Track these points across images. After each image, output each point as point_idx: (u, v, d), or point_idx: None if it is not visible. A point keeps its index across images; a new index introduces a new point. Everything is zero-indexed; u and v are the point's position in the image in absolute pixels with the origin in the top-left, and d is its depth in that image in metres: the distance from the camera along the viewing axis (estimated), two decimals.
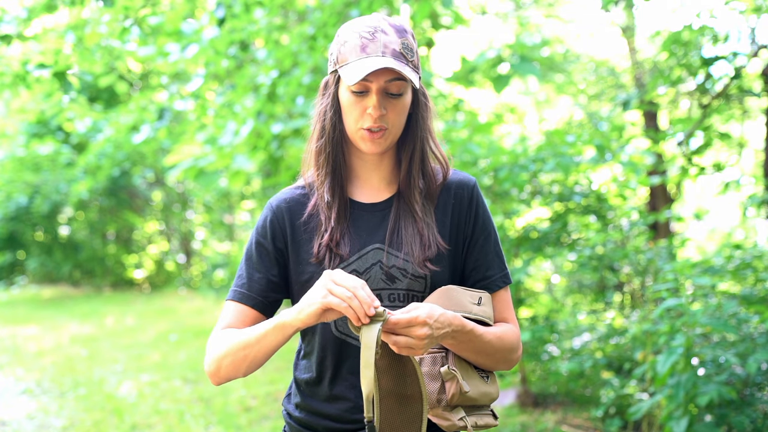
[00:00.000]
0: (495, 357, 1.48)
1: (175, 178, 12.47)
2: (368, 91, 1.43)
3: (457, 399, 1.42)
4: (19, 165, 14.07)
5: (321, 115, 1.52)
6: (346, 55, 1.44)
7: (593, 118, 8.06)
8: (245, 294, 1.53)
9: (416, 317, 1.28)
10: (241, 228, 15.35)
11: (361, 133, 1.46)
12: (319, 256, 1.50)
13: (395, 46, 1.42)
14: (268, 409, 5.07)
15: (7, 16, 4.56)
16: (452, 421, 1.42)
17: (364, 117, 1.45)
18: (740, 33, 5.19)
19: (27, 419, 5.03)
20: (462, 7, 8.70)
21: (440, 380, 1.42)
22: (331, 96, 1.50)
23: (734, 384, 3.52)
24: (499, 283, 1.55)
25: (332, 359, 1.52)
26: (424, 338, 1.29)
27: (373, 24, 1.45)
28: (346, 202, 1.54)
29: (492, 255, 1.56)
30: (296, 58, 5.04)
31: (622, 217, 4.89)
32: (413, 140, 1.53)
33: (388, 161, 1.56)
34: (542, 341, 4.68)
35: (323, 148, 1.52)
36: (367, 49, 1.41)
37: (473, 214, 1.56)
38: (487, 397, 1.48)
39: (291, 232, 1.54)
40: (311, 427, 1.54)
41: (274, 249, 1.54)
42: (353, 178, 1.57)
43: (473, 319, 1.46)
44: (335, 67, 1.47)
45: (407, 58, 1.44)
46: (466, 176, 1.60)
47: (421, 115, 1.52)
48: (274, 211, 1.56)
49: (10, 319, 10.37)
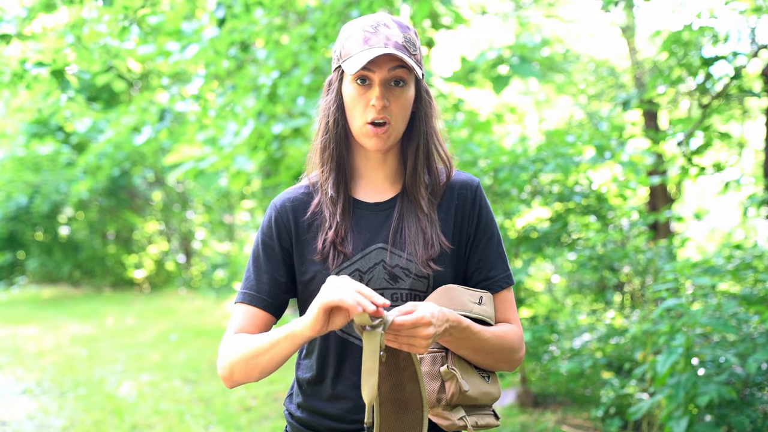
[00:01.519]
0: (494, 356, 1.48)
1: (176, 179, 12.48)
2: (371, 83, 1.44)
3: (456, 398, 1.42)
4: (19, 165, 14.07)
5: (325, 111, 1.53)
6: (349, 49, 1.45)
7: (593, 118, 8.07)
8: (254, 296, 1.53)
9: (422, 317, 1.28)
10: (241, 228, 15.35)
11: (366, 129, 1.46)
12: (323, 253, 1.49)
13: (398, 39, 1.44)
14: (268, 409, 5.07)
15: (7, 16, 4.56)
16: (452, 421, 1.42)
17: (367, 110, 1.45)
18: (740, 33, 5.20)
19: (27, 419, 5.03)
20: (462, 7, 8.70)
21: (440, 380, 1.42)
22: (335, 92, 1.51)
23: (734, 384, 3.52)
24: (501, 284, 1.55)
25: (334, 358, 1.51)
26: (429, 337, 1.29)
27: (377, 19, 1.48)
28: (349, 200, 1.54)
29: (495, 255, 1.56)
30: (297, 59, 5.04)
31: (622, 217, 4.89)
32: (417, 137, 1.53)
33: (392, 160, 1.56)
34: (542, 341, 4.68)
35: (327, 144, 1.52)
36: (370, 41, 1.43)
37: (476, 215, 1.56)
38: (487, 396, 1.48)
39: (295, 230, 1.54)
40: (313, 427, 1.54)
41: (280, 249, 1.54)
42: (357, 177, 1.57)
43: (474, 318, 1.46)
44: (339, 62, 1.48)
45: (410, 51, 1.45)
46: (470, 177, 1.60)
47: (424, 111, 1.53)
48: (279, 211, 1.56)
49: (10, 319, 10.37)
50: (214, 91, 6.46)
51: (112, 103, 12.95)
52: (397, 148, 1.56)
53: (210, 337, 8.15)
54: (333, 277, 1.30)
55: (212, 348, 7.52)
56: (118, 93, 11.50)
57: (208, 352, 7.28)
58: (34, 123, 13.60)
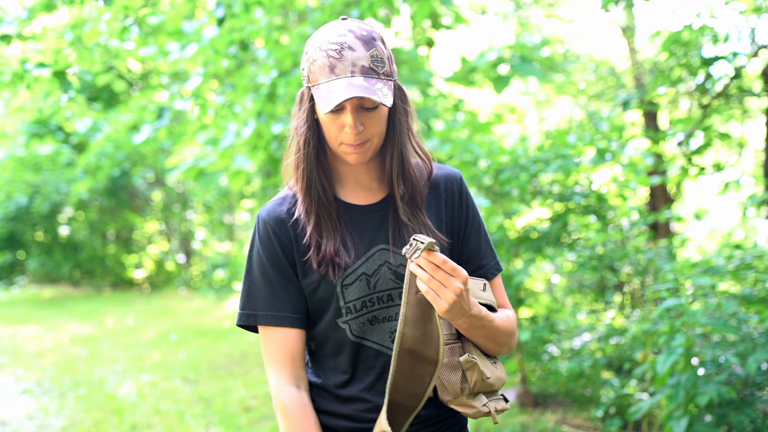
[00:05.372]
0: (500, 341, 1.51)
1: (176, 179, 12.48)
2: (343, 109, 1.42)
3: (479, 386, 1.44)
4: (19, 165, 14.08)
5: (296, 131, 1.52)
6: (317, 75, 1.41)
7: (593, 119, 8.06)
8: (280, 316, 1.50)
9: (462, 270, 1.32)
10: (241, 228, 15.34)
11: (343, 147, 1.45)
12: (321, 269, 1.49)
13: (364, 62, 1.39)
14: (268, 409, 5.07)
15: (7, 17, 4.56)
16: (477, 408, 1.44)
17: (342, 133, 1.44)
18: (740, 33, 5.18)
19: (27, 419, 5.03)
20: (462, 6, 8.70)
21: (460, 370, 1.44)
22: (306, 111, 1.49)
23: (734, 384, 3.52)
24: (493, 271, 1.60)
25: (349, 362, 1.51)
26: (459, 293, 1.31)
27: (339, 40, 1.40)
28: (337, 207, 1.52)
29: (484, 244, 1.60)
30: (296, 58, 5.04)
31: (622, 217, 4.89)
32: (392, 145, 1.52)
33: (375, 163, 1.56)
34: (542, 341, 4.68)
35: (298, 163, 1.51)
36: (336, 69, 1.39)
37: (465, 207, 1.59)
38: (500, 381, 1.52)
39: (295, 242, 1.52)
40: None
41: (286, 261, 1.52)
42: (344, 181, 1.56)
43: (483, 304, 1.49)
44: (307, 83, 1.46)
45: (377, 71, 1.40)
46: (451, 170, 1.62)
47: (398, 119, 1.51)
48: (276, 224, 1.53)
49: (10, 319, 10.37)
50: (214, 91, 6.46)
51: (112, 103, 12.95)
52: (379, 151, 1.55)
53: (210, 337, 8.15)
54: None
55: (212, 348, 7.52)
56: (119, 93, 11.49)
57: (208, 352, 7.28)
58: (34, 123, 13.61)
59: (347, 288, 1.48)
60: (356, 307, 1.49)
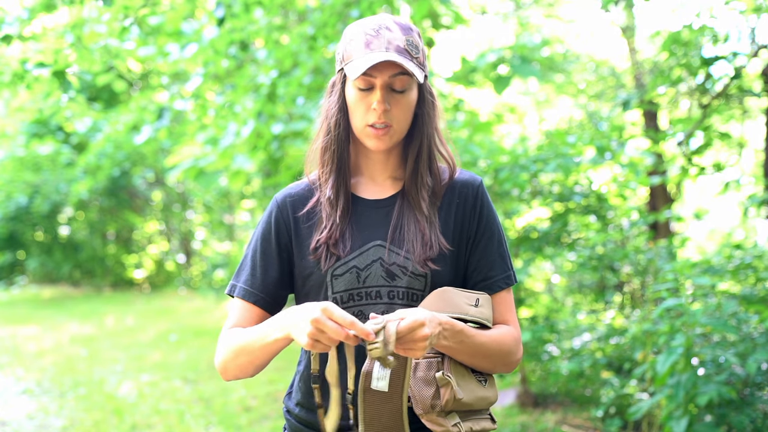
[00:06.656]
0: (491, 359, 1.47)
1: (176, 179, 12.47)
2: (373, 87, 1.44)
3: (451, 405, 1.40)
4: (19, 165, 14.09)
5: (327, 113, 1.53)
6: (351, 52, 1.45)
7: (593, 118, 8.06)
8: (249, 291, 1.54)
9: (416, 320, 1.28)
10: (241, 228, 15.34)
11: (367, 130, 1.47)
12: (317, 254, 1.50)
13: (399, 42, 1.44)
14: (268, 409, 5.07)
15: (8, 17, 4.56)
16: (446, 427, 1.40)
17: (369, 113, 1.46)
18: (740, 33, 5.19)
19: (27, 419, 5.03)
20: (462, 6, 8.70)
21: (435, 385, 1.41)
22: (338, 94, 1.51)
23: (734, 384, 3.52)
24: (500, 284, 1.54)
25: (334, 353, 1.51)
26: (426, 339, 1.29)
27: (379, 22, 1.47)
28: (349, 199, 1.54)
29: (495, 255, 1.55)
30: (296, 59, 5.04)
31: (622, 217, 4.89)
32: (419, 138, 1.53)
33: (394, 159, 1.56)
34: (542, 341, 4.68)
35: (329, 145, 1.53)
36: (371, 45, 1.43)
37: (477, 214, 1.55)
38: (484, 401, 1.47)
39: (294, 226, 1.55)
40: (312, 425, 1.54)
41: (277, 244, 1.55)
42: (358, 174, 1.58)
43: (470, 321, 1.45)
44: (341, 65, 1.49)
45: (411, 54, 1.44)
46: (472, 176, 1.59)
47: (427, 112, 1.53)
48: (279, 206, 1.57)
49: (10, 319, 10.37)
50: (214, 91, 6.47)
51: (112, 103, 12.96)
52: (400, 146, 1.56)
53: (210, 337, 8.15)
54: (319, 308, 1.27)
55: (212, 348, 7.52)
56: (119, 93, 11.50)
57: (208, 352, 7.28)
58: (34, 123, 13.61)
59: (336, 279, 1.49)
60: (343, 299, 1.49)
